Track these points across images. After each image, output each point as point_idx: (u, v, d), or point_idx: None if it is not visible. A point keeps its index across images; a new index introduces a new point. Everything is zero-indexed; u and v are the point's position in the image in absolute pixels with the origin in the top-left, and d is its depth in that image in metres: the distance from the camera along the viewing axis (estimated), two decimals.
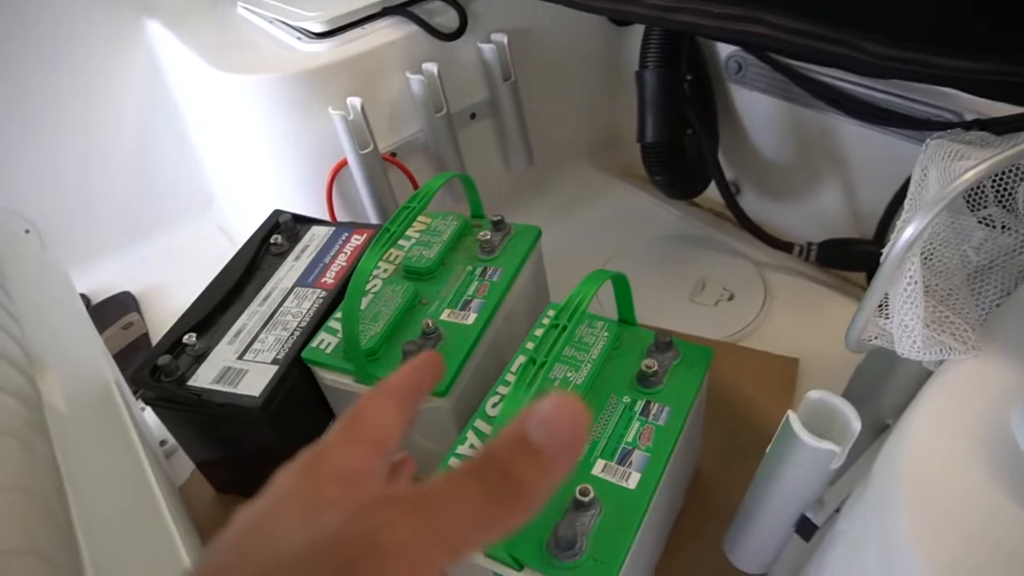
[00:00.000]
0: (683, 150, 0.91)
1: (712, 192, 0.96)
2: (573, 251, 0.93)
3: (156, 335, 0.98)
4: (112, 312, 0.98)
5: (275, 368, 0.63)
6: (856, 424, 0.42)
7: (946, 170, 0.42)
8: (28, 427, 0.30)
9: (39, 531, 0.26)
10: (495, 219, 0.72)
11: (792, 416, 0.43)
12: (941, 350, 0.41)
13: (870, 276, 0.86)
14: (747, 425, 0.72)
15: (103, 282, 1.07)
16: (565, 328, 0.48)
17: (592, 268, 0.52)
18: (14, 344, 0.35)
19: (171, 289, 1.06)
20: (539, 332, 0.62)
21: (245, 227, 0.88)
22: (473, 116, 0.97)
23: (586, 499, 0.48)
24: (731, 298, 0.87)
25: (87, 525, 0.33)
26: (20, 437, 0.29)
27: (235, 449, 0.68)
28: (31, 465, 0.28)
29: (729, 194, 0.91)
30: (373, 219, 0.91)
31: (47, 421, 0.34)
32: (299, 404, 0.65)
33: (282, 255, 0.76)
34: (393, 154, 0.91)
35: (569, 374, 0.56)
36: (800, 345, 0.79)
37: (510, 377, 0.59)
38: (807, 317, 0.84)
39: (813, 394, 0.45)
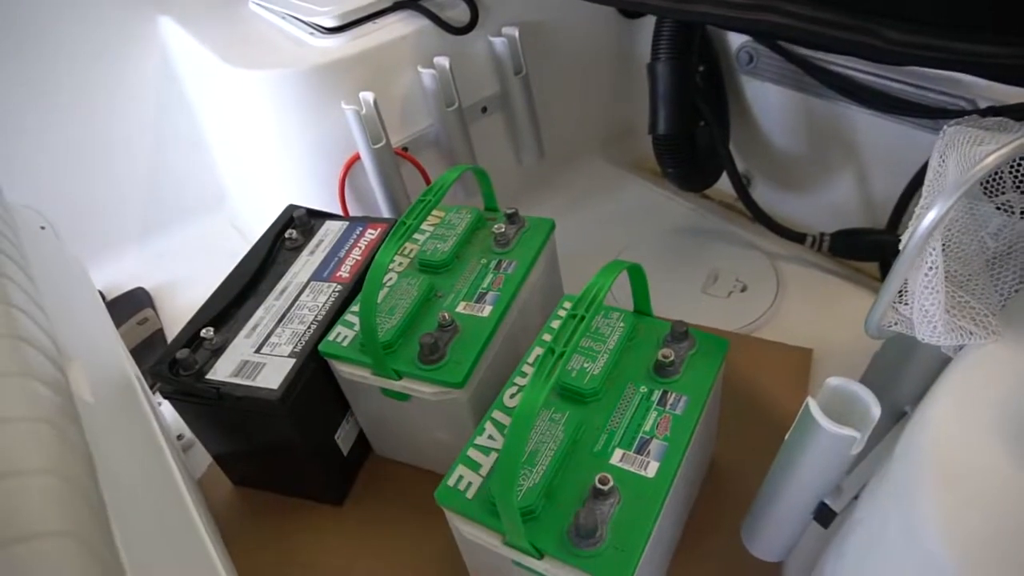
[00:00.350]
0: (695, 142, 0.91)
1: (724, 184, 0.96)
2: (585, 244, 0.93)
3: (170, 330, 0.98)
4: (127, 308, 0.99)
5: (292, 361, 0.63)
6: (876, 410, 0.42)
7: (966, 155, 0.42)
8: (61, 415, 0.31)
9: (76, 515, 0.27)
10: (509, 212, 0.72)
11: (812, 402, 0.43)
12: (961, 335, 0.41)
13: (883, 266, 0.86)
14: (761, 415, 0.72)
15: (116, 278, 1.08)
16: (583, 318, 0.48)
17: (604, 261, 0.52)
18: (43, 334, 0.36)
19: (185, 285, 1.06)
20: (555, 323, 0.62)
21: (257, 223, 0.89)
22: (484, 110, 0.97)
23: (605, 488, 0.48)
24: (744, 289, 0.87)
25: (117, 512, 0.33)
26: (54, 424, 0.30)
27: (253, 442, 0.68)
28: (65, 451, 0.29)
29: (741, 186, 0.90)
30: (385, 213, 0.91)
31: (77, 410, 0.34)
32: (317, 397, 0.65)
33: (297, 249, 0.76)
34: (405, 148, 0.91)
35: (586, 364, 0.56)
36: (814, 335, 0.79)
37: (527, 368, 0.59)
38: (820, 307, 0.84)
39: (832, 381, 0.45)
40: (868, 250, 0.85)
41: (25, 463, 0.28)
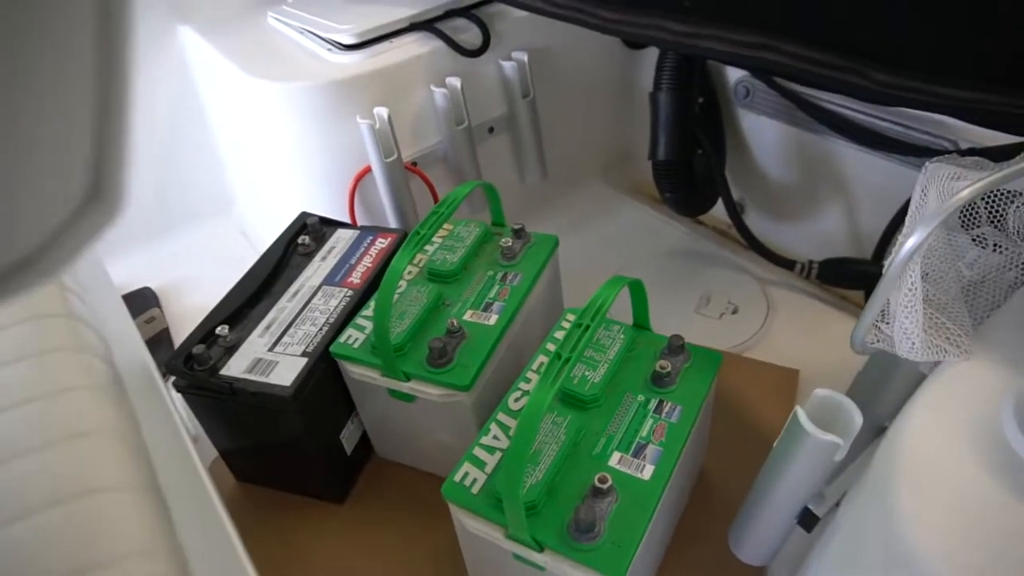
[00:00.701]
0: (693, 169, 0.95)
1: (718, 211, 1.00)
2: (583, 263, 0.96)
3: (176, 330, 1.01)
4: (135, 306, 1.01)
5: (304, 360, 0.66)
6: (859, 419, 0.46)
7: (945, 188, 0.46)
8: (113, 384, 0.34)
9: (134, 471, 0.29)
10: (516, 227, 0.75)
11: (800, 411, 0.46)
12: (937, 352, 0.44)
13: (868, 294, 0.90)
14: (749, 430, 0.75)
15: (122, 278, 1.10)
16: (588, 327, 0.51)
17: (601, 280, 0.55)
18: (91, 314, 0.39)
19: (190, 287, 1.09)
20: (559, 334, 0.66)
21: (266, 229, 0.92)
22: (491, 130, 1.01)
23: (604, 487, 0.51)
24: (735, 311, 0.90)
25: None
26: (107, 391, 0.33)
27: (261, 438, 0.70)
28: (120, 415, 0.32)
29: (735, 212, 0.95)
30: (394, 225, 0.94)
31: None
32: (326, 396, 0.68)
33: (309, 255, 0.79)
34: (414, 163, 0.95)
35: (588, 373, 0.59)
36: (800, 357, 0.83)
37: (531, 375, 0.62)
38: (807, 331, 0.88)
39: (819, 392, 0.48)
40: (854, 279, 0.89)
41: (87, 426, 0.31)
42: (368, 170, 0.92)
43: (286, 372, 0.65)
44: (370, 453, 0.78)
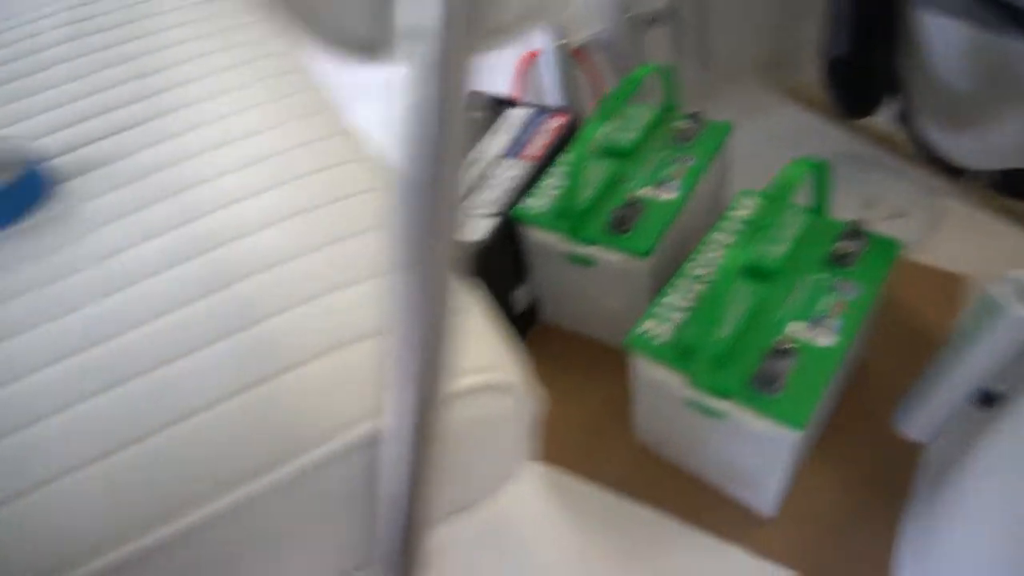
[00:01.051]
0: (866, 67, 0.92)
1: (879, 117, 0.97)
2: (742, 160, 0.96)
3: None
4: None
5: (490, 221, 0.71)
6: None
7: None
8: None
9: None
10: (691, 112, 0.77)
11: (994, 286, 0.48)
12: None
13: None
14: (911, 330, 0.76)
15: None
16: (777, 201, 0.54)
17: (761, 181, 0.56)
18: None
19: None
20: (735, 213, 0.68)
21: None
22: (654, 21, 1.01)
23: (787, 347, 0.54)
24: (900, 216, 0.89)
25: None
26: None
27: None
28: None
29: (906, 116, 0.92)
30: None
31: None
32: (506, 254, 0.74)
33: (483, 130, 0.83)
34: (578, 50, 0.96)
35: (771, 248, 0.62)
36: (968, 265, 0.82)
37: (710, 246, 0.65)
38: (975, 240, 0.86)
39: (1013, 272, 0.49)
40: None
41: None
42: (536, 54, 0.94)
43: (474, 230, 0.70)
44: (533, 321, 0.84)
